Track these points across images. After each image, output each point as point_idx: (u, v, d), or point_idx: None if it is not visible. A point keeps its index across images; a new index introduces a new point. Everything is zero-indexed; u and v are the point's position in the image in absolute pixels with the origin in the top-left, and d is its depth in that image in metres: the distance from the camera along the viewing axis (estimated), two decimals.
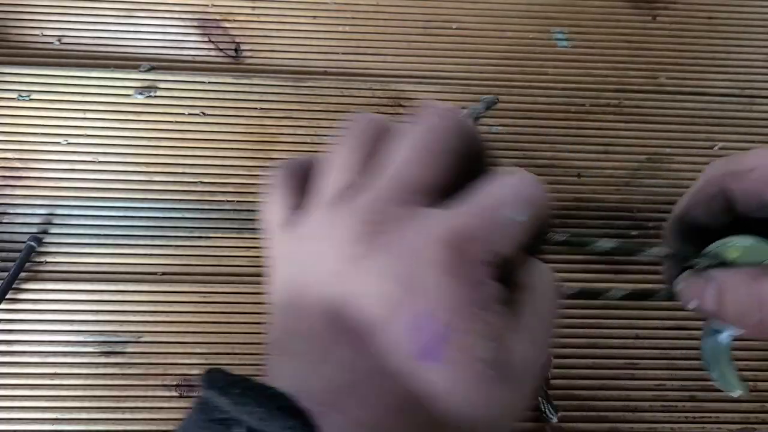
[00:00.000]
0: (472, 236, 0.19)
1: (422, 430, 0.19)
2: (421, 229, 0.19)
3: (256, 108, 0.44)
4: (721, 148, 0.46)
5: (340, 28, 0.47)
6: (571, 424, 0.38)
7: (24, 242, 0.39)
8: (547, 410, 0.37)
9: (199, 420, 0.18)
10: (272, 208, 0.24)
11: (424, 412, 0.18)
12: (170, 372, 0.38)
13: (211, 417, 0.18)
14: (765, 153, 0.25)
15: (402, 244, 0.19)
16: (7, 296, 0.38)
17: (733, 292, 0.24)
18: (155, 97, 0.44)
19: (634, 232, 0.43)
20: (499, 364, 0.18)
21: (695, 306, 0.25)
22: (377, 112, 0.44)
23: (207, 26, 0.47)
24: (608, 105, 0.46)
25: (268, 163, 0.43)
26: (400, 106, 0.45)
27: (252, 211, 0.41)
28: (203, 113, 0.44)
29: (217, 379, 0.18)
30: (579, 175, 0.44)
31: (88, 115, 0.43)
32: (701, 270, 0.25)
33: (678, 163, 0.45)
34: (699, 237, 0.26)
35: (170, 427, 0.36)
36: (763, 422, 0.39)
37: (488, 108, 0.25)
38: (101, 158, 0.42)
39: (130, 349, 0.38)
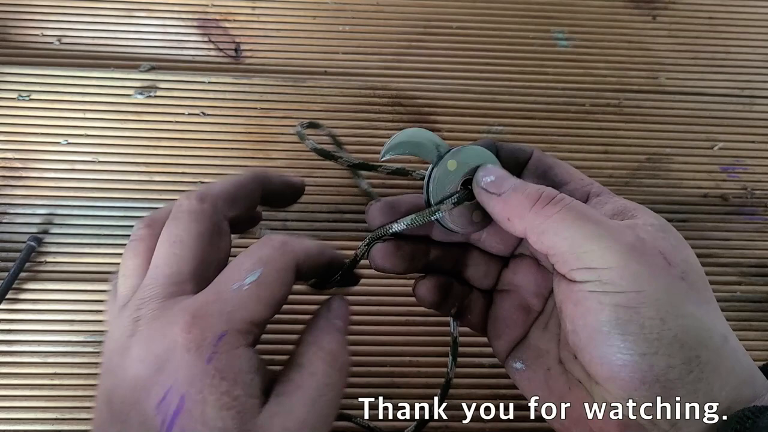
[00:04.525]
0: (206, 313, 0.22)
1: None
2: (170, 317, 0.22)
3: (256, 108, 0.44)
4: (721, 148, 0.46)
5: (340, 28, 0.47)
6: None
7: (24, 242, 0.39)
8: None
9: None
10: (123, 284, 0.26)
11: None
12: None
13: None
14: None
15: (156, 334, 0.22)
16: (7, 296, 0.38)
17: (522, 188, 0.25)
18: (155, 97, 0.44)
19: None
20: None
21: (483, 198, 0.26)
22: (377, 112, 0.45)
23: (207, 26, 0.47)
24: (608, 105, 0.46)
25: (268, 163, 0.43)
26: (400, 105, 0.45)
27: None
28: (203, 113, 0.44)
29: None
30: None
31: (88, 115, 0.43)
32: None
33: (678, 163, 0.45)
34: None
35: None
36: None
37: None
38: (101, 158, 0.42)
39: None
